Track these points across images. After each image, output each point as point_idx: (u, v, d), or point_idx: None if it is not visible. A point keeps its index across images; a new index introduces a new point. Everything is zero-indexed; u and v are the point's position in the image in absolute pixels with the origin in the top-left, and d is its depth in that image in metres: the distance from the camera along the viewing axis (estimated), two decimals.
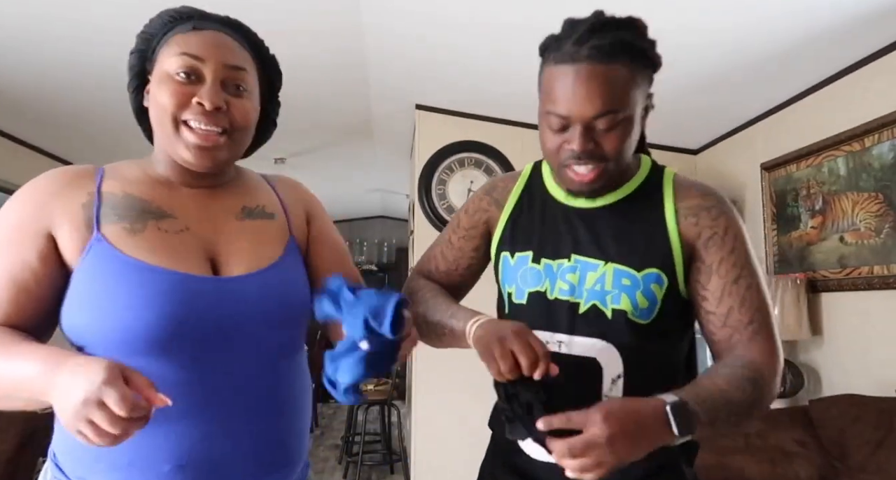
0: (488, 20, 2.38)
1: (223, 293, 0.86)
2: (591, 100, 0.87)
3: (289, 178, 1.10)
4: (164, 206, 0.89)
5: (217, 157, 0.89)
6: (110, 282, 0.81)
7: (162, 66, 0.88)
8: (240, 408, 0.85)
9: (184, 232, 0.88)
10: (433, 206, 3.42)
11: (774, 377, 0.91)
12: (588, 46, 0.86)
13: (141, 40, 0.91)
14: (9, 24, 2.39)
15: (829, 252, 2.53)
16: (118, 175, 0.91)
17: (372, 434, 4.92)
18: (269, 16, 2.39)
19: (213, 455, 0.83)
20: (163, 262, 0.83)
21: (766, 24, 2.13)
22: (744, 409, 0.86)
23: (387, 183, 5.74)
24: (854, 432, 2.02)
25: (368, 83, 3.25)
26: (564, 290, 0.99)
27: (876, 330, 2.30)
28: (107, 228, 0.84)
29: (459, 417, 3.14)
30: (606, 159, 0.92)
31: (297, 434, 0.93)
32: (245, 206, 0.97)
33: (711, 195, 0.99)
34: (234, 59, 0.90)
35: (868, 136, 2.31)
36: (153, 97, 0.88)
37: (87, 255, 0.82)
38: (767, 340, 0.93)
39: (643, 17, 0.93)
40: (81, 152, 3.93)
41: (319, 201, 1.11)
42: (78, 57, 2.66)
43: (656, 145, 3.51)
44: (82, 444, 0.78)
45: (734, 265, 0.94)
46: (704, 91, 2.73)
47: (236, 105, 0.89)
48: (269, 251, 0.94)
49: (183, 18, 0.91)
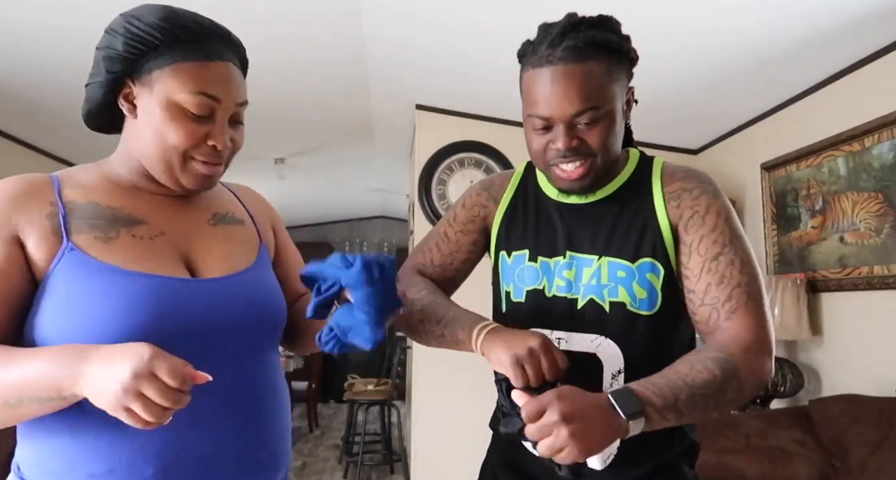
0: (488, 20, 2.38)
1: (203, 294, 0.85)
2: (569, 98, 0.89)
3: (247, 187, 1.12)
4: (134, 213, 0.88)
5: (214, 182, 0.92)
6: (87, 288, 0.79)
7: (170, 94, 0.83)
8: (220, 409, 0.84)
9: (158, 237, 0.88)
10: (433, 206, 3.42)
11: (749, 357, 0.86)
12: (562, 48, 0.89)
13: (127, 47, 0.84)
14: (9, 23, 2.39)
15: (829, 252, 2.53)
16: (75, 182, 0.88)
17: (372, 435, 4.92)
18: (271, 17, 2.39)
19: (196, 457, 0.82)
20: (140, 267, 0.82)
21: (765, 24, 2.13)
22: (712, 390, 0.82)
23: (387, 183, 5.74)
24: (854, 432, 2.02)
25: (368, 83, 3.25)
26: (562, 287, 1.00)
27: (876, 330, 2.30)
28: (78, 238, 0.82)
29: (459, 417, 3.14)
30: (592, 154, 0.93)
31: (280, 434, 0.92)
32: (216, 212, 0.97)
33: (694, 177, 1.00)
34: (242, 95, 0.90)
35: (868, 136, 2.31)
36: (154, 120, 0.85)
37: (58, 264, 0.80)
38: (746, 317, 0.90)
39: (643, 17, 0.94)
40: (80, 151, 3.93)
41: (280, 217, 1.14)
42: (80, 57, 2.66)
43: (656, 145, 3.51)
44: (53, 454, 0.79)
45: (714, 242, 0.94)
46: (705, 91, 2.73)
47: (236, 137, 0.91)
48: (243, 254, 0.95)
49: (189, 37, 0.84)
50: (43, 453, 0.80)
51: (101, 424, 0.77)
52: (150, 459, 0.79)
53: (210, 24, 0.87)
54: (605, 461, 0.96)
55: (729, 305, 0.91)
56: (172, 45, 0.83)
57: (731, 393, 0.84)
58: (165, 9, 0.85)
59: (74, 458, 0.78)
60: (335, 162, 4.96)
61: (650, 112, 3.02)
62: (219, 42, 0.87)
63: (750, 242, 0.98)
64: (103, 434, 0.78)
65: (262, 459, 0.89)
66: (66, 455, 0.79)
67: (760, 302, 0.92)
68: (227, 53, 0.88)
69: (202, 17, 0.88)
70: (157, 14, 0.84)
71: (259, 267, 0.96)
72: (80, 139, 3.70)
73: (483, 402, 1.50)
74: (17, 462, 0.84)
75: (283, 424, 0.94)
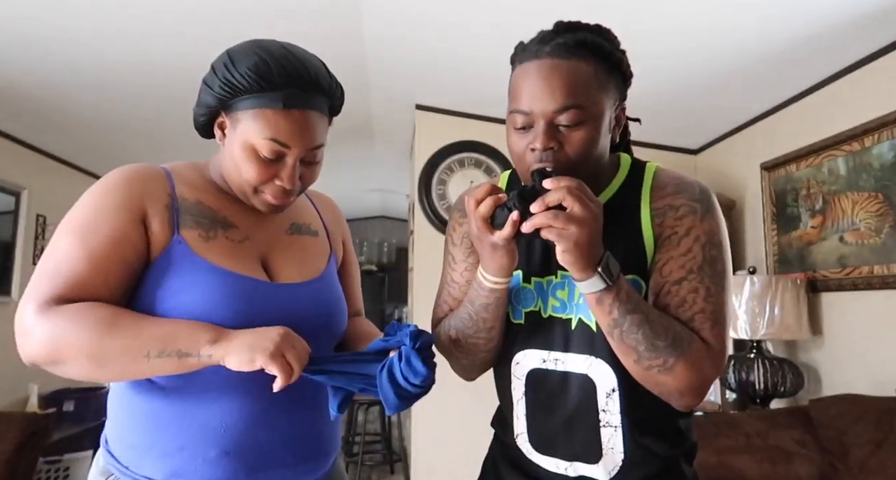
0: (489, 21, 2.38)
1: (280, 296, 0.96)
2: (552, 93, 0.85)
3: (327, 197, 1.22)
4: (229, 217, 0.99)
5: (283, 209, 1.00)
6: (189, 280, 0.89)
7: (247, 135, 0.91)
8: (284, 402, 0.94)
9: (245, 241, 0.98)
10: (433, 206, 3.42)
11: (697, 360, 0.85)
12: (552, 44, 0.87)
13: (221, 89, 0.91)
14: (9, 24, 2.38)
15: (829, 252, 2.53)
16: (186, 180, 0.98)
17: (372, 435, 4.92)
18: (271, 18, 2.39)
19: (255, 444, 0.92)
20: (231, 266, 0.93)
21: (765, 24, 2.14)
22: (651, 333, 0.84)
23: (387, 183, 5.74)
24: (854, 432, 2.02)
25: (368, 83, 3.26)
26: (557, 307, 0.98)
27: (876, 330, 2.30)
28: (185, 232, 0.93)
29: (459, 417, 3.14)
30: (570, 163, 0.87)
31: (333, 426, 1.04)
32: (294, 223, 1.08)
33: (684, 192, 0.94)
34: (317, 140, 0.95)
35: (868, 136, 2.31)
36: (233, 153, 0.94)
37: (167, 252, 0.91)
38: (707, 337, 0.88)
39: (644, 17, 0.94)
40: (81, 153, 3.93)
41: (349, 229, 1.24)
42: (81, 58, 2.66)
43: (656, 145, 3.51)
44: (136, 432, 0.92)
45: (681, 267, 0.90)
46: (704, 91, 2.74)
47: (307, 174, 0.98)
48: (315, 264, 1.06)
49: (273, 87, 0.90)
50: (126, 430, 0.93)
51: (176, 410, 0.90)
52: (214, 442, 0.90)
53: (299, 73, 0.91)
54: (609, 472, 0.96)
55: (692, 326, 0.89)
56: (259, 92, 0.90)
57: (662, 355, 0.85)
58: (260, 55, 0.90)
59: (151, 436, 0.91)
60: (335, 162, 4.96)
61: (650, 112, 3.02)
62: (306, 90, 0.92)
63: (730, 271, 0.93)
64: (176, 419, 0.90)
65: (314, 450, 0.99)
66: (145, 433, 0.91)
67: (722, 330, 0.89)
68: (312, 100, 0.93)
69: (295, 62, 0.91)
70: (250, 62, 0.90)
71: (327, 277, 1.06)
72: (81, 138, 3.70)
73: (483, 402, 1.50)
74: (105, 435, 0.97)
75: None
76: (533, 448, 1.01)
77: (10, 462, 2.32)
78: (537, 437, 1.00)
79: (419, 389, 0.87)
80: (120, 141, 3.71)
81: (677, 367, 0.85)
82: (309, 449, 0.98)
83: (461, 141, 3.43)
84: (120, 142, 3.74)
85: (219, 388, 0.91)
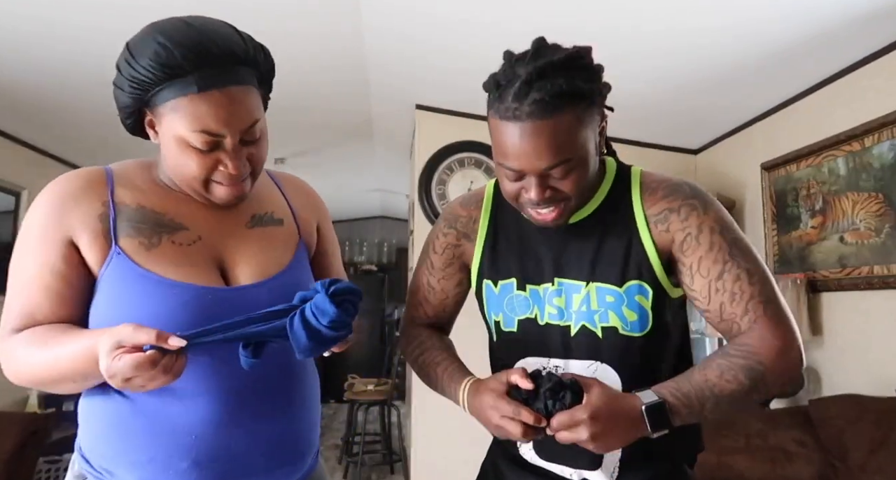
0: (489, 20, 2.38)
1: (234, 302, 0.89)
2: (539, 155, 0.85)
3: (295, 178, 1.13)
4: (176, 218, 0.92)
5: (243, 195, 0.93)
6: (132, 295, 0.85)
7: (174, 129, 0.85)
8: (254, 409, 0.90)
9: (195, 243, 0.92)
10: (433, 206, 3.42)
11: (778, 360, 0.88)
12: (529, 102, 0.83)
13: (131, 87, 0.85)
14: (9, 24, 2.38)
15: (829, 252, 2.53)
16: (128, 182, 0.92)
17: (372, 435, 4.92)
18: (270, 17, 2.39)
19: (228, 454, 0.88)
20: (178, 276, 0.87)
21: (765, 23, 2.13)
22: (739, 398, 0.87)
23: (387, 183, 5.74)
24: (854, 432, 2.01)
25: (368, 83, 3.25)
26: (554, 315, 0.99)
27: (876, 330, 2.30)
28: (124, 242, 0.87)
29: (459, 417, 3.12)
30: (567, 198, 0.91)
31: (310, 427, 0.99)
32: (254, 214, 1.00)
33: (678, 193, 0.95)
34: (250, 117, 0.87)
35: (868, 136, 2.31)
36: (169, 150, 0.88)
37: (107, 267, 0.86)
38: (769, 325, 0.90)
39: (643, 18, 0.93)
40: (81, 152, 3.93)
41: (326, 209, 1.15)
42: (81, 58, 2.66)
43: (656, 145, 3.51)
44: (105, 441, 0.89)
45: (715, 261, 0.92)
46: (704, 91, 2.73)
47: (254, 152, 0.91)
48: (277, 257, 0.98)
49: (180, 72, 0.82)
50: (96, 439, 0.90)
51: (145, 420, 0.86)
52: (184, 454, 0.86)
53: (206, 49, 0.83)
54: (611, 474, 0.96)
55: (748, 317, 0.91)
56: (168, 81, 0.83)
57: (756, 396, 0.90)
58: (159, 41, 0.82)
59: (121, 446, 0.87)
60: (335, 162, 4.96)
61: (650, 112, 3.03)
62: (219, 66, 0.84)
63: (750, 241, 0.97)
64: (145, 429, 0.86)
65: (289, 454, 0.95)
66: (114, 443, 0.88)
67: (778, 303, 0.93)
68: (230, 75, 0.85)
69: (199, 38, 0.83)
70: (150, 51, 0.82)
71: (293, 269, 0.99)
72: (82, 138, 3.70)
73: None
74: (78, 442, 0.94)
75: (313, 417, 1.00)
76: (537, 456, 1.02)
77: (9, 462, 2.33)
78: (540, 444, 1.01)
79: (331, 332, 0.81)
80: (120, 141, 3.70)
81: (769, 380, 0.89)
82: (284, 453, 0.94)
83: (461, 141, 3.43)
84: (120, 142, 3.73)
85: (187, 395, 0.86)
